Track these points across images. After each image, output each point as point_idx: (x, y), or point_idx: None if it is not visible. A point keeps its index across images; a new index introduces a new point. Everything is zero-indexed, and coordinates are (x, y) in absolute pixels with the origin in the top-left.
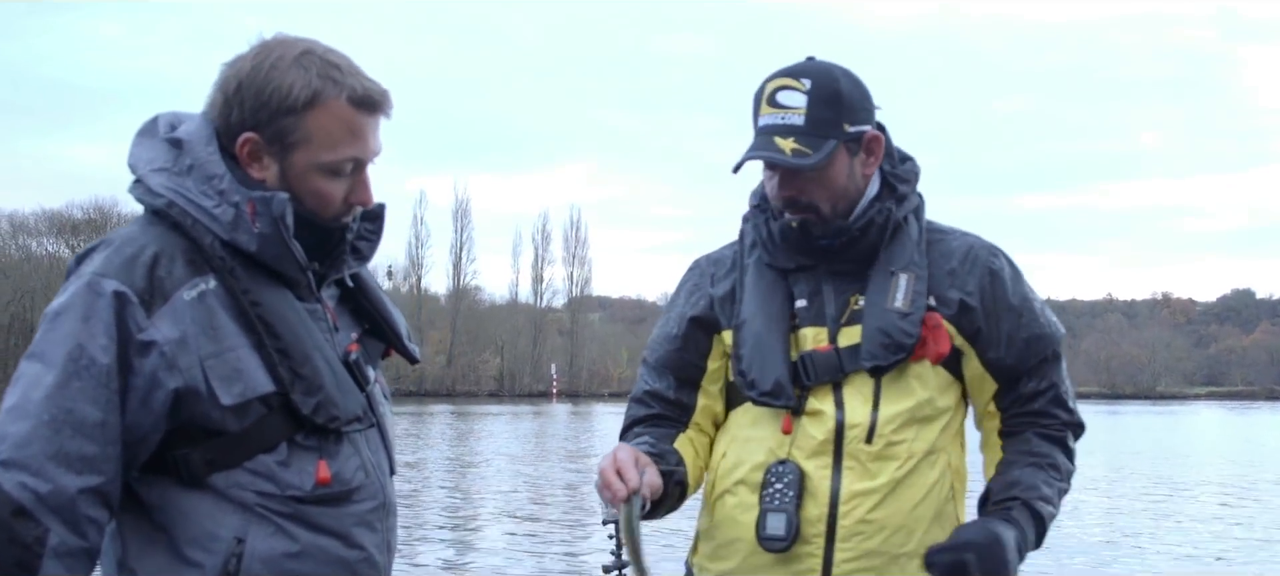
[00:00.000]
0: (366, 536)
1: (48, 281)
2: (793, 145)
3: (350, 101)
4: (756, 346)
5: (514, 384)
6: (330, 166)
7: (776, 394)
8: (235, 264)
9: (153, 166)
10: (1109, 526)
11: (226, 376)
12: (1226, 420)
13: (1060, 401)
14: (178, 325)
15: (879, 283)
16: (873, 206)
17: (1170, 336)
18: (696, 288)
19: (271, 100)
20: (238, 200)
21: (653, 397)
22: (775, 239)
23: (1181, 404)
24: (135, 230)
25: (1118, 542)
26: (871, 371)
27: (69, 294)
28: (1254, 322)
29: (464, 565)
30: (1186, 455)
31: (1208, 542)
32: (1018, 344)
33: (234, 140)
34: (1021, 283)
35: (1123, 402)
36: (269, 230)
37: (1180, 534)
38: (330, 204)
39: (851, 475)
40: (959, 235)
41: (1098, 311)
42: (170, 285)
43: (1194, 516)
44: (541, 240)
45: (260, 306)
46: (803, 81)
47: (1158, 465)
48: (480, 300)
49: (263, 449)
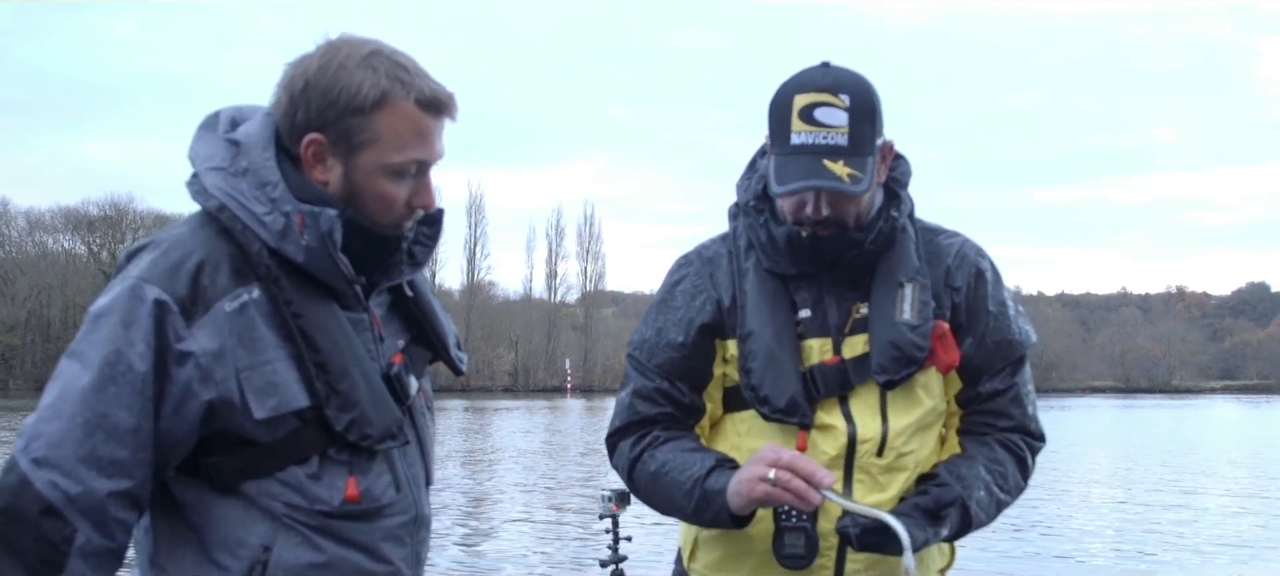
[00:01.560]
0: (394, 550)
1: (64, 277)
2: (846, 171)
3: (417, 103)
4: (768, 361)
5: (528, 379)
6: (396, 168)
7: (791, 411)
8: (281, 273)
9: (210, 164)
10: (1122, 519)
11: (261, 389)
12: (1242, 414)
13: (1020, 403)
14: (216, 336)
15: (884, 292)
16: (881, 217)
17: (1185, 330)
18: (698, 290)
19: (339, 100)
20: (289, 210)
21: (663, 397)
22: (779, 245)
23: (1197, 398)
24: (185, 232)
25: (1131, 534)
26: (883, 386)
27: (113, 296)
28: (1269, 316)
29: (477, 558)
30: (1200, 449)
31: (1222, 537)
32: (988, 346)
33: (298, 141)
34: (1001, 287)
35: (1138, 397)
36: (316, 244)
37: (1194, 527)
38: (393, 206)
39: (862, 488)
40: (949, 234)
41: (1112, 305)
42: (213, 295)
43: (1208, 509)
44: (555, 236)
45: (302, 318)
46: (841, 97)
47: (1174, 458)
48: (494, 296)
49: (295, 461)
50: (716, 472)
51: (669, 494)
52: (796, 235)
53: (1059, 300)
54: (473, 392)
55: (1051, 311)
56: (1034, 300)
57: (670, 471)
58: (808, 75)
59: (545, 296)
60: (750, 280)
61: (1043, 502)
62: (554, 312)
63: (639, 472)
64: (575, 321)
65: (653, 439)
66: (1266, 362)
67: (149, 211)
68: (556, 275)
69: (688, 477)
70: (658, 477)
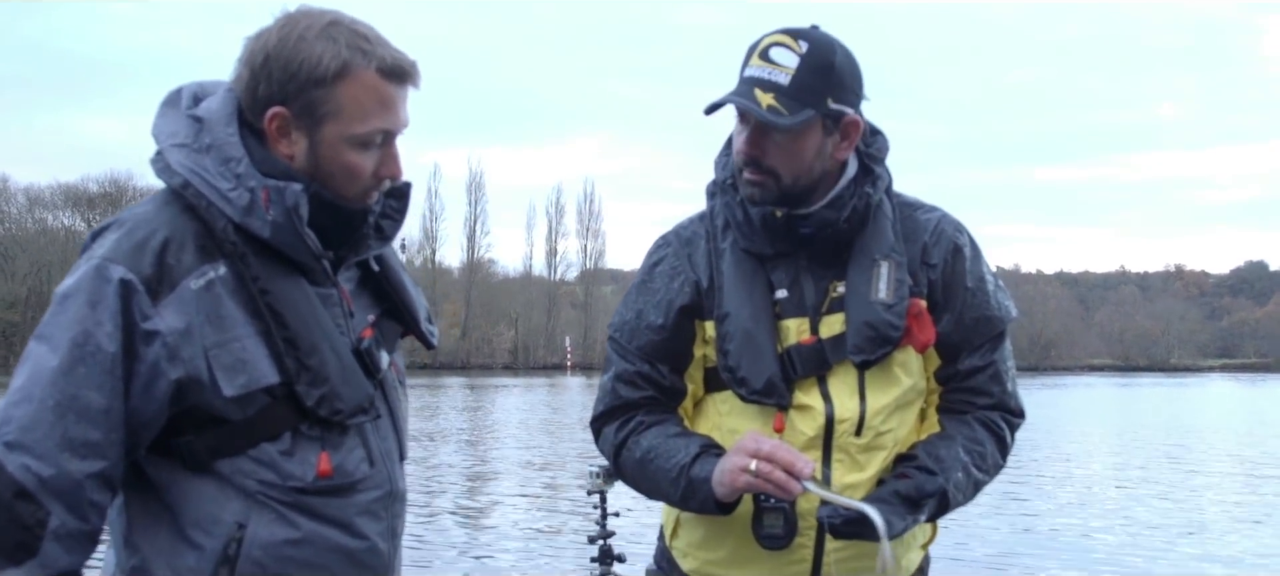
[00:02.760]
0: (370, 525)
1: (64, 254)
2: (770, 101)
3: (379, 72)
4: (746, 342)
5: (528, 357)
6: (360, 139)
7: (768, 393)
8: (247, 250)
9: (173, 140)
10: (1123, 496)
11: (230, 367)
12: (1239, 393)
13: (999, 380)
14: (183, 314)
15: (860, 270)
16: (853, 192)
17: (1184, 309)
18: (676, 272)
19: (300, 72)
20: (253, 185)
21: (645, 380)
22: (754, 225)
23: (1194, 376)
24: (150, 210)
25: (1130, 515)
26: (859, 365)
27: (78, 276)
28: (1267, 295)
29: (471, 532)
30: (1199, 428)
31: (1218, 515)
32: (966, 322)
33: (261, 115)
34: (980, 262)
35: (1136, 375)
36: (282, 219)
37: (1191, 507)
38: (359, 178)
39: (841, 468)
40: (927, 209)
41: (1111, 284)
42: (178, 273)
43: (1205, 488)
44: (555, 213)
45: (270, 294)
46: (799, 43)
47: (1172, 436)
48: (494, 273)
49: (266, 438)
50: (701, 460)
51: (655, 480)
52: (770, 214)
53: (1058, 278)
54: (472, 370)
55: (1051, 289)
56: (1033, 278)
57: (656, 458)
58: (790, 25)
59: (545, 274)
60: (727, 260)
61: (1036, 479)
62: (554, 290)
63: (625, 458)
64: (575, 299)
65: (637, 424)
66: (1264, 341)
67: (148, 188)
68: (556, 253)
69: (673, 465)
70: (643, 464)
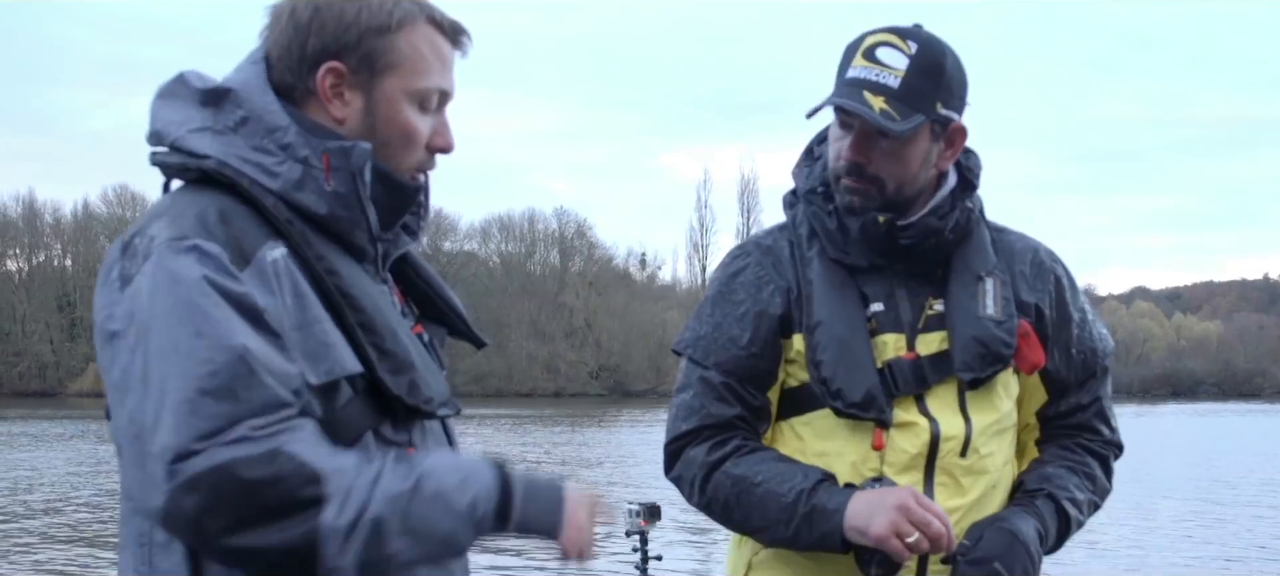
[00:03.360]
0: (454, 564)
1: None
2: (882, 105)
3: (437, 26)
4: (841, 353)
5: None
6: (421, 95)
7: (866, 406)
8: (305, 227)
9: (190, 127)
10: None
11: (314, 352)
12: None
13: (1103, 416)
14: (266, 289)
15: (963, 286)
16: (956, 204)
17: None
18: (764, 281)
19: (360, 19)
20: (307, 154)
21: (734, 396)
22: (848, 233)
23: None
24: (183, 197)
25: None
26: (969, 383)
27: (149, 277)
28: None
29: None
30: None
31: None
32: (1075, 356)
33: (309, 74)
34: (1078, 293)
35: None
36: (345, 187)
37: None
38: (416, 144)
39: (944, 491)
40: (1017, 235)
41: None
42: (249, 244)
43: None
44: None
45: (338, 276)
46: (908, 44)
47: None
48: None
49: (346, 440)
50: (827, 487)
51: (762, 506)
52: (873, 220)
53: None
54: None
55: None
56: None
57: (765, 481)
58: (889, 26)
59: None
60: (815, 269)
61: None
62: None
63: (717, 481)
64: None
65: (737, 446)
66: None
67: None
68: None
69: (789, 489)
70: (746, 487)
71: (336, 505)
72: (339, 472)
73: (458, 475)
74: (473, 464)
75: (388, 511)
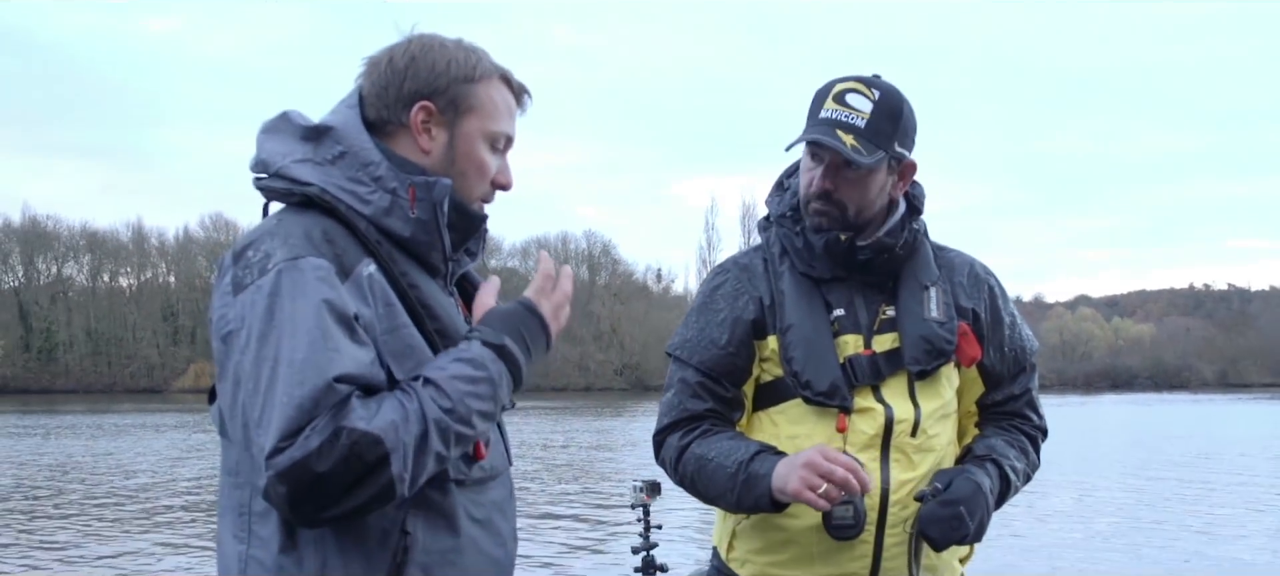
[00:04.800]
0: (503, 525)
1: None
2: (852, 142)
3: (504, 82)
4: (809, 350)
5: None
6: (493, 136)
7: (831, 394)
8: (391, 248)
9: (293, 158)
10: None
11: (400, 353)
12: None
13: (1032, 405)
14: (362, 300)
15: (911, 294)
16: (905, 226)
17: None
18: (740, 292)
19: (449, 69)
20: (395, 186)
21: (708, 392)
22: (814, 250)
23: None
24: (287, 217)
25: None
26: (917, 375)
27: (267, 288)
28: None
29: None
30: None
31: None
32: (1007, 354)
33: (405, 111)
34: (1009, 301)
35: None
36: (427, 215)
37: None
38: (484, 177)
39: (898, 466)
40: (956, 252)
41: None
42: (349, 260)
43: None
44: None
45: (418, 289)
46: (872, 91)
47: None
48: None
49: None
50: (761, 457)
51: (713, 478)
52: (835, 239)
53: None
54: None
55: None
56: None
57: (716, 457)
58: (857, 73)
59: None
60: (787, 281)
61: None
62: None
63: (685, 461)
64: None
65: (701, 432)
66: None
67: None
68: None
69: (733, 461)
70: (703, 464)
71: (400, 456)
72: (391, 427)
73: (472, 373)
74: (478, 357)
75: (437, 430)
